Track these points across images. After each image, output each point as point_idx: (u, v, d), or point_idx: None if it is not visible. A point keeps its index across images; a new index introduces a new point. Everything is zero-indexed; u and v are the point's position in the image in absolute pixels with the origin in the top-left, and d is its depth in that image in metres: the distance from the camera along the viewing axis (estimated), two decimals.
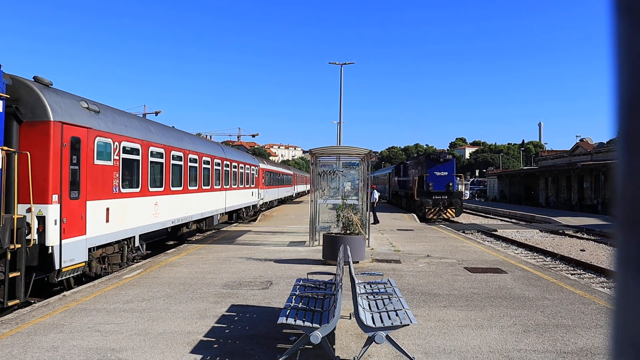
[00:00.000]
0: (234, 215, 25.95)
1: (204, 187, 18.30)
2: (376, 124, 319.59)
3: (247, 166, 27.21)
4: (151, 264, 12.26)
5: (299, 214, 30.27)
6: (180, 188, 15.84)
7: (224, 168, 21.55)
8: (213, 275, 10.72)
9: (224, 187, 21.44)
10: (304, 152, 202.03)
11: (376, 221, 24.16)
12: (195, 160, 17.60)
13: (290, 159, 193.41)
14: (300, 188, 69.57)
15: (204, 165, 18.44)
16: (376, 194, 26.05)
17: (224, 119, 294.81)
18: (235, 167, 23.86)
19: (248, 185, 27.38)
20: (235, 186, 23.91)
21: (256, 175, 30.15)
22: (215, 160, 20.19)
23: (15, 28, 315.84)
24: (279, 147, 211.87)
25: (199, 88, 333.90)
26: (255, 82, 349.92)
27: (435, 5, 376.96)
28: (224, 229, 22.17)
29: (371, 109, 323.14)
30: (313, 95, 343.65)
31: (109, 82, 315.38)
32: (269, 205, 38.44)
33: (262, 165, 33.36)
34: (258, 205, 31.23)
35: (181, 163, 16.09)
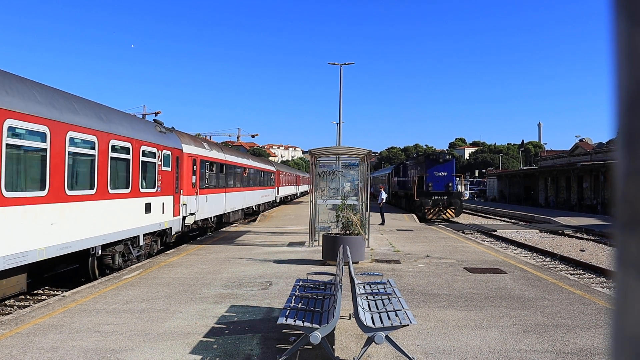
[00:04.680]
0: (92, 261, 11.30)
1: None
2: (376, 121, 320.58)
3: (133, 147, 12.70)
4: (151, 265, 12.26)
5: (299, 214, 30.28)
6: None
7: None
8: (213, 276, 10.72)
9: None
10: (303, 152, 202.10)
11: (383, 222, 24.03)
12: None
13: (290, 159, 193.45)
14: (288, 190, 51.02)
15: None
16: (384, 195, 25.85)
17: (223, 119, 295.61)
18: (73, 145, 10.03)
19: (130, 191, 12.54)
20: (74, 192, 9.97)
21: (167, 169, 15.25)
22: None
23: (13, 23, 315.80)
24: (278, 148, 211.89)
25: (198, 86, 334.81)
26: (255, 80, 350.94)
27: (434, 1, 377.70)
28: (224, 229, 22.15)
29: (371, 105, 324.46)
30: (312, 94, 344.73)
31: (108, 79, 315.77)
32: (223, 221, 23.99)
33: (190, 150, 17.83)
34: (173, 230, 15.94)
35: None
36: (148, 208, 13.72)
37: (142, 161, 13.25)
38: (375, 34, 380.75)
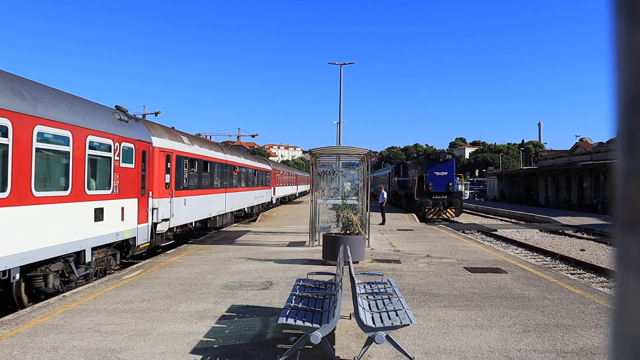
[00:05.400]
0: None
1: None
2: (376, 121, 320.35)
3: (74, 136, 9.87)
4: (151, 265, 12.26)
5: (299, 214, 30.27)
6: None
7: None
8: (213, 276, 10.72)
9: None
10: (303, 152, 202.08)
11: (383, 222, 24.08)
12: None
13: (290, 159, 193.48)
14: (286, 190, 47.91)
15: None
16: (385, 194, 25.93)
17: (223, 119, 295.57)
18: None
19: (69, 193, 9.69)
20: None
21: (129, 166, 12.52)
22: None
23: (13, 23, 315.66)
24: (278, 147, 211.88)
25: (198, 86, 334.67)
26: (255, 80, 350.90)
27: (434, 1, 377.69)
28: (224, 229, 22.15)
29: (371, 105, 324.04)
30: (312, 93, 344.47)
31: (108, 79, 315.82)
32: (209, 226, 21.11)
33: (163, 144, 15.12)
34: (138, 241, 12.99)
35: None
36: (99, 214, 10.83)
37: (89, 155, 10.39)
38: (375, 34, 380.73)
